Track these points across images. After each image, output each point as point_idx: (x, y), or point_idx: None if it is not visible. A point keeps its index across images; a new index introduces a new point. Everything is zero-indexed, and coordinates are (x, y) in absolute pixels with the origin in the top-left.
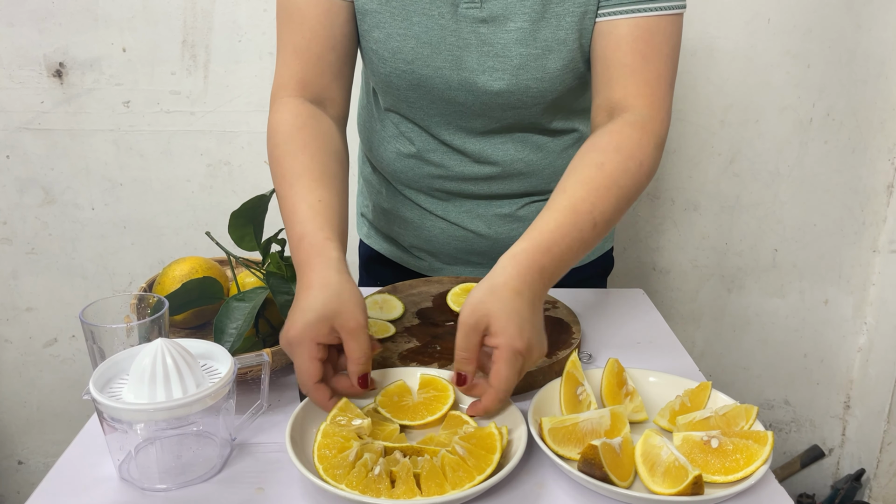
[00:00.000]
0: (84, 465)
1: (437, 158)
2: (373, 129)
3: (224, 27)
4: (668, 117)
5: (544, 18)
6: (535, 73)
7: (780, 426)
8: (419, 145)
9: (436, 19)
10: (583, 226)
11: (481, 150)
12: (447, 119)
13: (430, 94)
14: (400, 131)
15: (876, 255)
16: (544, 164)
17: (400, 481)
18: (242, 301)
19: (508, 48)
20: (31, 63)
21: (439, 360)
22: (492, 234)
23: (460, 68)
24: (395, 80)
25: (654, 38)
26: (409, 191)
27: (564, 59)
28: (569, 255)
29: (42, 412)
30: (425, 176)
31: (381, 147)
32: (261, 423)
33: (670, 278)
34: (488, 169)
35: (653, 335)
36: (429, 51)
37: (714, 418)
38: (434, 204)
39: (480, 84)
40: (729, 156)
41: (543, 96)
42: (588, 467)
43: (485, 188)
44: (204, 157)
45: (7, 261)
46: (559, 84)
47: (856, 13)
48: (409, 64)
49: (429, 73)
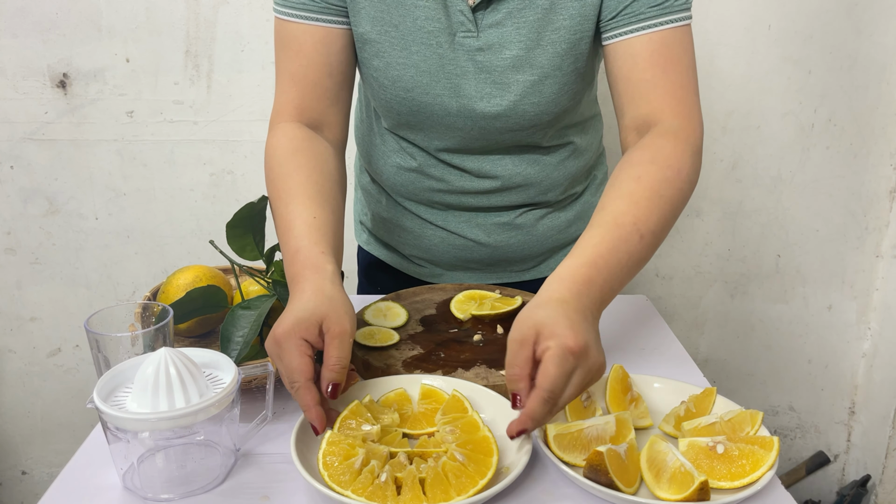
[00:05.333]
0: (88, 475)
1: (438, 173)
2: (372, 143)
3: (227, 37)
4: (700, 124)
5: (539, 45)
6: (532, 98)
7: (785, 432)
8: (420, 160)
9: (434, 48)
10: (628, 238)
11: (480, 167)
12: (446, 142)
13: (429, 119)
14: (400, 146)
15: (879, 260)
16: (542, 177)
17: (406, 488)
18: (248, 309)
19: (505, 75)
20: (34, 74)
21: (443, 368)
22: (491, 241)
23: (459, 95)
24: (396, 105)
25: (670, 50)
26: (409, 202)
27: (560, 83)
28: (617, 268)
29: (46, 422)
30: (425, 189)
31: (381, 161)
32: (266, 433)
33: (673, 284)
34: (488, 183)
35: (657, 341)
36: (427, 79)
37: (719, 424)
38: (433, 214)
39: (479, 110)
40: (731, 162)
41: (540, 118)
42: (594, 473)
43: (484, 201)
44: (207, 166)
45: (11, 271)
46: (555, 106)
47: (856, 19)
48: (408, 91)
49: (428, 101)
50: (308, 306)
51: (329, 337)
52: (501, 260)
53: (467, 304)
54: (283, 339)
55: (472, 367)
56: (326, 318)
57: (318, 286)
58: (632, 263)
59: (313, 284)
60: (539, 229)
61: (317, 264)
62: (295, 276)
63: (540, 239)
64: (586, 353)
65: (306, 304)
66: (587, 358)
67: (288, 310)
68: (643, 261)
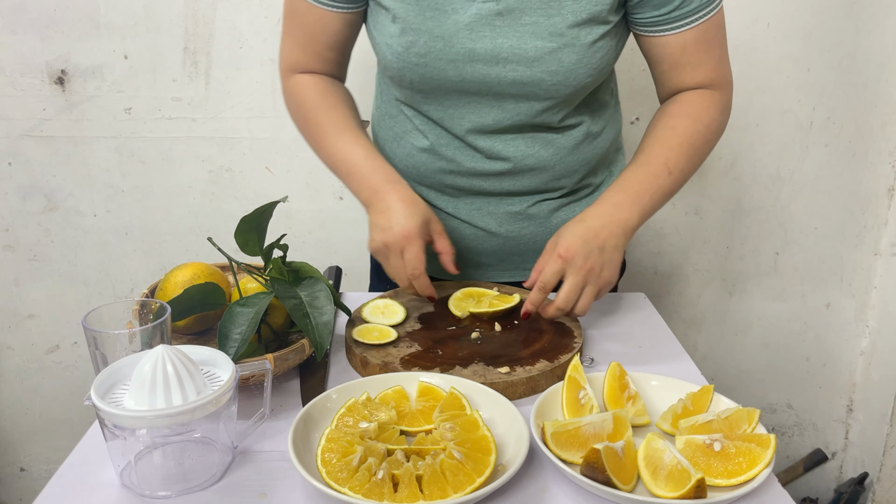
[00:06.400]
0: (86, 471)
1: (450, 153)
2: (387, 127)
3: (225, 34)
4: (730, 84)
5: (559, 14)
6: (549, 66)
7: (783, 430)
8: (432, 139)
9: (449, 14)
10: (657, 172)
11: (492, 146)
12: (460, 112)
13: (443, 87)
14: (414, 125)
15: (877, 258)
16: (555, 161)
17: (402, 485)
18: (245, 306)
19: (524, 41)
20: (33, 70)
21: (441, 365)
22: (502, 231)
23: (474, 60)
24: (409, 73)
25: (711, 31)
26: (421, 188)
27: (578, 55)
28: (645, 196)
29: (44, 419)
30: (437, 171)
31: (396, 143)
32: (263, 430)
33: (672, 282)
34: (500, 165)
35: (655, 339)
36: (441, 44)
37: (716, 421)
38: (445, 201)
39: (493, 76)
40: (730, 159)
41: (558, 90)
42: (591, 471)
43: (496, 185)
44: (205, 163)
45: (9, 268)
46: (572, 78)
47: (855, 17)
48: (421, 57)
49: (441, 66)
50: (416, 211)
51: (436, 234)
52: (512, 254)
53: (465, 302)
54: (407, 240)
55: (470, 365)
56: (432, 220)
57: (408, 196)
58: (659, 194)
59: (399, 194)
60: (553, 221)
61: (391, 178)
62: (375, 191)
63: (553, 231)
64: (573, 260)
65: (414, 210)
66: (574, 263)
67: (391, 219)
68: (669, 194)
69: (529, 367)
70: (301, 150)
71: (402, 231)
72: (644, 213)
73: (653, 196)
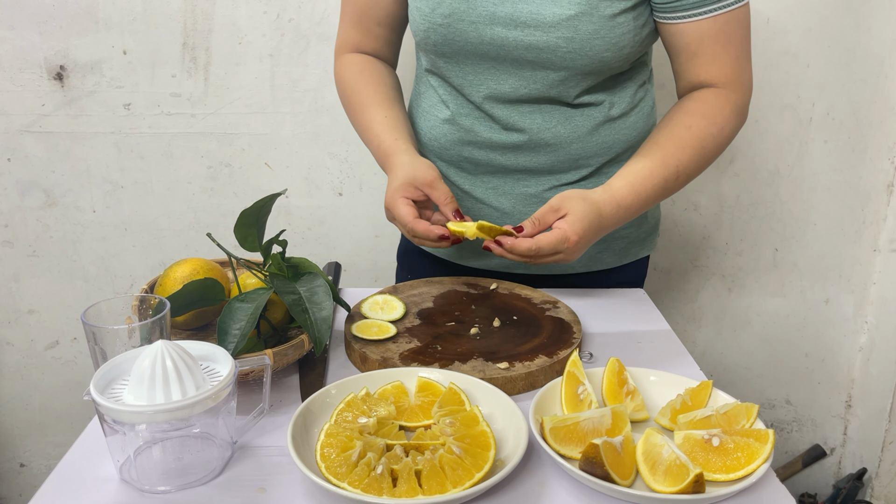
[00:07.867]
0: (85, 467)
1: (468, 123)
2: (417, 104)
3: (224, 29)
4: (749, 86)
5: None
6: (565, 33)
7: (782, 426)
8: (453, 108)
9: None
10: (668, 176)
11: (509, 117)
12: (480, 78)
13: (464, 48)
14: (438, 95)
15: (876, 254)
16: (571, 139)
17: (402, 480)
18: (245, 302)
19: (543, 6)
20: (31, 66)
21: (440, 361)
22: (516, 213)
23: (494, 23)
24: (433, 35)
25: (731, 26)
26: (440, 163)
27: (595, 25)
28: (651, 201)
29: (44, 414)
30: (456, 142)
31: (423, 118)
32: (263, 425)
33: (671, 278)
34: (516, 136)
35: (653, 334)
36: (465, 6)
37: (715, 417)
38: (462, 178)
39: (512, 39)
40: (729, 155)
41: (573, 59)
42: (589, 466)
43: (512, 159)
44: (205, 158)
45: (8, 263)
46: (588, 48)
47: (855, 12)
48: (445, 18)
49: (463, 28)
50: (398, 175)
51: (425, 187)
52: None
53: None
54: (390, 204)
55: (469, 360)
56: (415, 177)
57: (401, 162)
58: (663, 194)
59: (398, 162)
60: None
61: (396, 148)
62: (384, 162)
63: None
64: (573, 251)
65: (397, 175)
66: (571, 250)
67: (387, 187)
68: (670, 193)
69: (528, 362)
70: (300, 146)
71: (387, 198)
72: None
73: (656, 199)
